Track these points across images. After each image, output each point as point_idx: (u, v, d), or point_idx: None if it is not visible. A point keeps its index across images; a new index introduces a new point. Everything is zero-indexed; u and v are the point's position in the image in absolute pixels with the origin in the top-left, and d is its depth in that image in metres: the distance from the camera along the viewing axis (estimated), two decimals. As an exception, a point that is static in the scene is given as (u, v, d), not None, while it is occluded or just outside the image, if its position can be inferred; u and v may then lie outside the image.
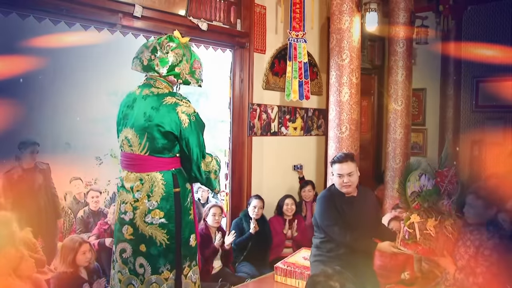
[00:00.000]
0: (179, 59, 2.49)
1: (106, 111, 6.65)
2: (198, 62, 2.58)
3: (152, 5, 4.02)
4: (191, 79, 2.56)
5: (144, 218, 2.41)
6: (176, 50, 2.49)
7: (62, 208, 4.72)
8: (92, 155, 6.53)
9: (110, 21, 3.80)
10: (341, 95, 4.81)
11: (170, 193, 2.42)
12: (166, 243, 2.41)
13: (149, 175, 2.42)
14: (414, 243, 2.83)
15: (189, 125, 2.40)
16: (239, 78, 5.02)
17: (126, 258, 2.47)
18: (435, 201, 2.82)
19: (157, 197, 2.40)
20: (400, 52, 5.72)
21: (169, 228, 2.42)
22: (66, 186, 5.20)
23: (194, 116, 2.43)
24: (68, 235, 4.33)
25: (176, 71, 2.49)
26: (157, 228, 2.40)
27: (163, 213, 2.41)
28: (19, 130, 4.86)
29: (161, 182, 2.41)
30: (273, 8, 5.33)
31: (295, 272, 3.93)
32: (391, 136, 5.74)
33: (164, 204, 2.41)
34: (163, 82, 2.52)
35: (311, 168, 6.04)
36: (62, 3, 3.46)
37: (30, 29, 4.12)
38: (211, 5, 4.67)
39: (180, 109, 2.38)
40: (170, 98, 2.41)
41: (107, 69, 6.33)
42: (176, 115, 2.37)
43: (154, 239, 2.41)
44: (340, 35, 4.82)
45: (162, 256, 2.42)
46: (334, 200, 3.23)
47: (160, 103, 2.39)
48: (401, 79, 5.71)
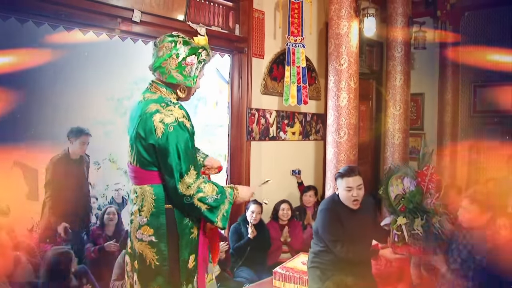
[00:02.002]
0: (167, 52, 2.17)
1: (104, 116, 6.66)
2: (194, 58, 2.20)
3: (151, 10, 4.03)
4: (178, 76, 2.18)
5: (136, 233, 2.20)
6: (166, 43, 2.18)
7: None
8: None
9: (109, 26, 3.81)
10: (339, 100, 4.82)
11: (160, 209, 2.16)
12: (155, 263, 2.17)
13: (141, 188, 2.19)
14: (404, 245, 2.86)
15: (164, 135, 2.05)
16: (238, 82, 5.03)
17: (128, 272, 2.34)
18: (420, 201, 2.83)
19: (147, 212, 2.17)
20: (398, 57, 5.75)
21: (160, 248, 2.16)
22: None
23: (173, 126, 2.06)
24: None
25: (162, 66, 2.17)
26: (146, 246, 2.17)
27: (153, 231, 2.16)
28: (17, 131, 4.86)
29: (151, 196, 2.16)
30: (272, 13, 5.35)
31: (294, 277, 3.92)
32: (389, 140, 5.75)
33: (154, 221, 2.16)
34: (160, 86, 2.23)
35: (310, 173, 6.04)
36: (61, 8, 3.47)
37: (29, 34, 4.13)
38: (209, 10, 4.68)
39: (157, 117, 2.06)
40: (154, 105, 2.11)
41: (105, 74, 6.34)
42: (152, 124, 2.06)
43: (144, 258, 2.18)
44: (339, 40, 4.83)
45: (151, 278, 2.19)
46: (339, 213, 3.13)
47: (144, 111, 2.11)
48: (399, 84, 5.73)
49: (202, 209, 2.14)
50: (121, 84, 6.76)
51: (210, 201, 2.15)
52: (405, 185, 2.89)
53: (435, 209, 2.81)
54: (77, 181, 4.36)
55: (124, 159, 5.58)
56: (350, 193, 3.09)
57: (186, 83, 2.21)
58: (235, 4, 4.97)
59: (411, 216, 2.83)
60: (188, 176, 2.09)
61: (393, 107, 5.73)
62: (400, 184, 2.92)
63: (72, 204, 4.18)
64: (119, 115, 6.90)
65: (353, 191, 3.08)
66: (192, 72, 2.21)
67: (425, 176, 2.84)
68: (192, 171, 2.11)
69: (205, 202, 2.13)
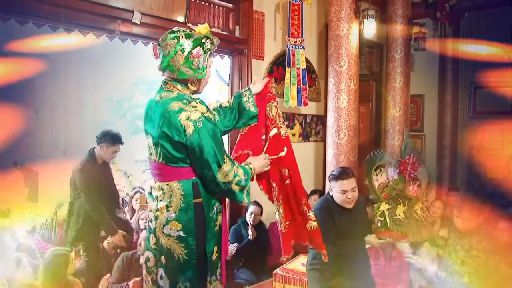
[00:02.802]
0: (172, 49, 2.17)
1: (103, 117, 6.65)
2: (200, 50, 2.20)
3: (151, 12, 4.03)
4: (187, 71, 2.19)
5: (162, 229, 2.24)
6: (169, 41, 2.18)
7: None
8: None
9: (109, 27, 3.81)
10: (339, 101, 4.82)
11: (189, 204, 2.21)
12: (184, 258, 2.21)
13: (168, 185, 2.23)
14: (386, 230, 2.97)
15: (195, 132, 2.10)
16: (238, 84, 5.03)
17: (150, 267, 2.35)
18: (402, 189, 2.94)
19: (175, 208, 2.21)
20: (398, 58, 5.75)
21: (188, 243, 2.21)
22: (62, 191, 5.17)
23: (201, 121, 2.12)
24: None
25: (170, 64, 2.18)
26: (174, 241, 2.22)
27: (181, 225, 2.21)
28: (14, 133, 4.85)
29: (179, 192, 2.21)
30: (272, 15, 5.36)
31: (294, 278, 3.91)
32: (389, 142, 5.75)
33: (182, 216, 2.21)
34: (174, 83, 2.24)
35: (310, 174, 6.04)
36: (61, 10, 3.47)
37: (29, 35, 4.14)
38: (209, 12, 4.68)
39: (183, 116, 2.10)
40: (175, 103, 2.14)
41: (104, 75, 6.33)
42: (179, 123, 2.10)
43: (172, 253, 2.23)
44: (338, 42, 4.84)
45: (180, 272, 2.24)
46: (332, 212, 3.16)
47: (166, 110, 2.14)
48: (399, 85, 5.73)
49: (236, 191, 2.26)
50: (120, 85, 6.75)
51: (243, 183, 2.26)
52: (389, 174, 2.96)
53: (417, 196, 2.90)
54: (108, 185, 4.35)
55: (124, 161, 5.53)
56: (344, 195, 3.11)
57: (197, 76, 2.23)
58: (235, 5, 4.97)
59: (394, 203, 2.90)
60: (225, 164, 2.18)
61: (393, 109, 5.73)
62: (384, 173, 2.99)
63: (107, 209, 4.17)
64: (118, 116, 6.89)
65: (347, 193, 3.10)
66: (200, 64, 2.22)
67: (407, 164, 2.92)
68: (227, 159, 2.21)
69: (239, 185, 2.25)
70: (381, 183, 3.00)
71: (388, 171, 2.99)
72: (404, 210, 2.87)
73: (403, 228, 2.88)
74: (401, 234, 2.90)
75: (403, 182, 2.92)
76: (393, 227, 2.89)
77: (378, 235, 3.01)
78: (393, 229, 2.89)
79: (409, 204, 2.88)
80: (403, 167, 2.93)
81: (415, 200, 2.88)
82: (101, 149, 4.07)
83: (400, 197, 2.89)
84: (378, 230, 2.99)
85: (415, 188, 2.89)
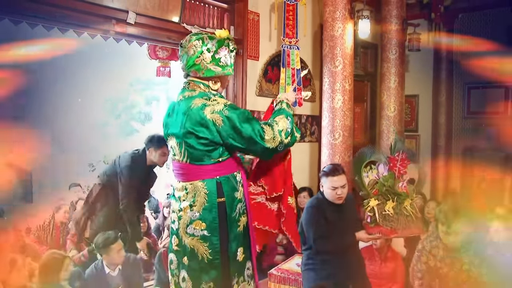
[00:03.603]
0: (197, 49, 2.25)
1: (101, 117, 6.65)
2: (225, 49, 2.31)
3: (146, 12, 4.03)
4: (215, 68, 2.28)
5: (186, 229, 2.26)
6: (194, 42, 2.27)
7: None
8: (85, 161, 6.50)
9: (103, 27, 3.79)
10: (334, 101, 4.83)
11: (213, 203, 2.25)
12: (208, 257, 2.24)
13: (192, 184, 2.27)
14: (376, 225, 2.99)
15: (225, 122, 2.17)
16: (233, 84, 5.03)
17: (173, 270, 2.38)
18: (392, 185, 2.97)
19: (199, 207, 2.24)
20: (392, 59, 5.76)
21: (212, 242, 2.24)
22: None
23: (226, 109, 2.19)
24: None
25: (196, 63, 2.27)
26: (198, 241, 2.24)
27: (205, 225, 2.24)
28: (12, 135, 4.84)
29: (203, 191, 2.25)
30: (267, 15, 5.36)
31: (289, 278, 3.92)
32: (384, 142, 5.77)
33: (207, 215, 2.24)
34: (197, 83, 2.33)
35: (305, 174, 6.04)
36: (55, 10, 3.45)
37: (23, 35, 4.12)
38: (204, 12, 4.67)
39: (208, 111, 2.18)
40: (198, 100, 2.22)
41: (99, 75, 6.32)
42: (205, 118, 2.17)
43: (196, 253, 2.25)
44: (333, 42, 4.85)
45: (204, 272, 2.25)
46: (323, 210, 3.21)
47: (189, 108, 2.21)
48: (393, 85, 5.75)
49: (290, 141, 2.31)
50: (115, 85, 6.74)
51: (289, 129, 2.30)
52: (379, 171, 3.03)
53: (406, 192, 2.96)
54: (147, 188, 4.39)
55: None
56: (334, 192, 3.17)
57: (225, 72, 2.32)
58: (230, 6, 4.96)
59: (383, 199, 2.96)
60: (266, 132, 2.21)
61: (388, 109, 5.75)
62: (375, 170, 3.06)
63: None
64: (114, 116, 6.89)
65: (337, 190, 3.16)
66: (228, 61, 2.33)
67: (396, 161, 2.99)
68: (265, 126, 2.24)
69: (289, 134, 2.29)
70: (371, 179, 3.05)
71: (378, 168, 3.05)
72: (393, 205, 2.93)
73: (393, 223, 2.94)
74: (391, 230, 2.96)
75: (393, 179, 2.96)
76: (383, 223, 2.94)
77: (368, 231, 3.06)
78: (382, 224, 2.95)
79: (398, 200, 2.93)
80: (393, 164, 2.99)
81: (404, 196, 2.95)
82: (150, 154, 4.06)
83: (390, 193, 2.95)
84: (368, 226, 3.05)
85: (404, 184, 2.95)
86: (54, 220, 4.64)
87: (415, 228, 3.02)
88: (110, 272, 3.53)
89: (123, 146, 5.08)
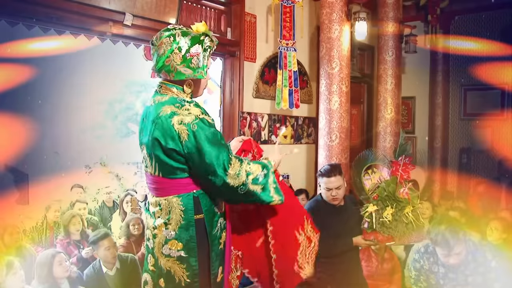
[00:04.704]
0: (168, 48, 1.95)
1: (95, 119, 6.63)
2: (199, 47, 1.98)
3: (142, 14, 4.02)
4: (186, 70, 1.97)
5: (161, 249, 2.02)
6: (165, 39, 1.96)
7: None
8: (82, 163, 6.47)
9: (100, 29, 3.79)
10: (331, 103, 4.84)
11: (190, 220, 1.98)
12: (185, 280, 1.99)
13: (166, 200, 2.00)
14: (373, 231, 2.92)
15: (190, 138, 1.88)
16: (229, 86, 5.03)
17: None
18: (393, 190, 2.87)
19: (175, 225, 1.98)
20: (389, 60, 5.78)
21: (190, 263, 1.99)
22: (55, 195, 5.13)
23: (196, 123, 1.89)
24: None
25: (166, 64, 1.97)
26: (175, 262, 2.00)
27: (182, 245, 1.99)
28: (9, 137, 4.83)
29: (179, 208, 1.98)
30: (264, 17, 5.36)
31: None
32: (381, 144, 5.78)
33: (183, 234, 1.99)
34: (169, 86, 2.03)
35: (301, 176, 6.04)
36: (52, 11, 3.45)
37: (19, 36, 4.11)
38: (201, 14, 4.68)
39: (176, 120, 1.89)
40: (168, 107, 1.93)
41: (96, 77, 6.31)
42: (172, 128, 1.89)
43: (173, 275, 2.00)
44: (330, 44, 4.85)
45: None
46: (321, 212, 3.18)
47: (157, 115, 1.93)
48: (390, 87, 5.76)
49: (258, 191, 1.99)
50: (111, 87, 6.73)
51: (261, 180, 2.00)
52: (382, 175, 2.97)
53: (408, 199, 2.85)
54: None
55: (115, 163, 5.52)
56: (329, 192, 3.16)
57: (197, 76, 2.01)
58: (227, 7, 4.97)
59: (383, 205, 2.88)
60: (231, 166, 1.92)
61: (385, 111, 5.76)
62: (377, 173, 3.00)
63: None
64: (109, 118, 6.87)
65: (332, 191, 3.14)
66: (200, 63, 2.00)
67: (399, 166, 2.90)
68: (233, 158, 1.95)
69: (258, 183, 1.99)
70: (373, 183, 3.00)
71: (382, 171, 2.98)
72: (392, 212, 2.84)
73: (390, 230, 2.85)
74: (387, 237, 2.87)
75: (395, 184, 2.88)
76: (380, 229, 2.87)
77: (364, 236, 3.01)
78: (379, 230, 2.88)
79: (398, 206, 2.84)
80: (395, 168, 2.91)
81: (405, 203, 2.84)
82: None
83: (390, 199, 2.87)
84: (365, 231, 2.99)
85: (406, 190, 2.86)
86: (47, 220, 4.62)
87: (416, 236, 2.93)
88: (108, 272, 3.53)
89: (119, 148, 5.07)
